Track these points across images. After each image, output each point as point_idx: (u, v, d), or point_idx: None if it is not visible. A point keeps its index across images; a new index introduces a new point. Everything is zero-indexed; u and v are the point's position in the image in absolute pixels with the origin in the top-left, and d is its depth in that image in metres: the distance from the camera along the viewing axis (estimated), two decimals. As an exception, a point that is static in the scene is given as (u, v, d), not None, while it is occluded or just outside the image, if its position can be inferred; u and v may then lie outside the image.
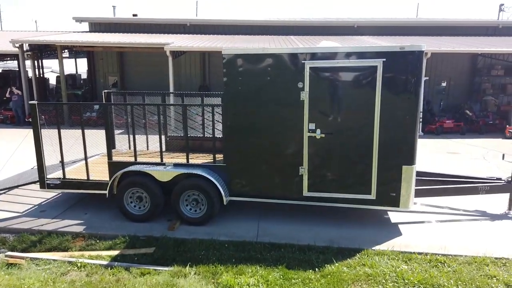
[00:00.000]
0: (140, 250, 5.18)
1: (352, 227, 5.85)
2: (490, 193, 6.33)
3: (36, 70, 18.60)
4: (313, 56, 5.36)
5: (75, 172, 6.70)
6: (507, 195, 6.45)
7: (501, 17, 28.24)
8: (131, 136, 6.66)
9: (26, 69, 17.34)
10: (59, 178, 6.36)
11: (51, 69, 28.34)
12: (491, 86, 19.00)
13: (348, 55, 5.29)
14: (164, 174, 5.88)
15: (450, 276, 4.49)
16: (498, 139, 14.56)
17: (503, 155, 6.92)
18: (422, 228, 5.91)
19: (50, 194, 7.18)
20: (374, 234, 5.63)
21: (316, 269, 4.64)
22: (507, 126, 15.36)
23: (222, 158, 6.00)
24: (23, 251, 5.22)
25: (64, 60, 18.03)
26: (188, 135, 6.35)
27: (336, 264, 4.74)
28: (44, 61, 21.26)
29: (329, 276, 4.48)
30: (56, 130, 6.22)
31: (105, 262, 4.87)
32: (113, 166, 6.10)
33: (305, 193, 5.74)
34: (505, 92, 18.64)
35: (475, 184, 6.36)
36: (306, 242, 5.30)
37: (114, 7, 25.02)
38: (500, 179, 6.54)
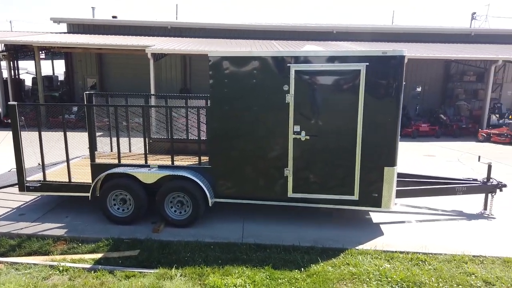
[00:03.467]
0: (124, 253, 5.12)
1: (335, 228, 5.96)
2: (467, 194, 6.57)
3: (12, 71, 18.10)
4: (299, 59, 5.45)
5: (56, 175, 6.56)
6: (483, 195, 6.70)
7: (473, 25, 29.40)
8: (114, 138, 6.59)
9: (1, 70, 16.86)
10: (39, 181, 6.22)
11: (26, 70, 27.61)
12: (464, 92, 19.73)
13: (332, 59, 5.41)
14: (148, 176, 5.84)
15: (431, 274, 4.63)
16: (471, 142, 15.11)
17: (479, 157, 7.18)
18: (403, 228, 6.07)
19: (29, 197, 7.02)
20: (357, 234, 5.74)
21: (302, 269, 4.70)
22: (480, 130, 15.97)
23: (207, 160, 6.01)
24: (1, 255, 5.07)
25: (41, 62, 17.62)
26: (173, 137, 6.32)
27: (321, 264, 4.82)
28: (19, 62, 20.70)
29: (314, 276, 4.54)
30: (33, 132, 6.08)
31: (88, 266, 4.78)
32: (96, 168, 6.01)
33: (290, 194, 5.81)
34: (477, 97, 19.35)
35: (453, 185, 6.58)
36: (291, 243, 5.36)
37: (93, 8, 24.63)
38: (476, 180, 6.80)
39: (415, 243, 5.46)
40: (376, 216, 6.44)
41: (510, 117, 16.08)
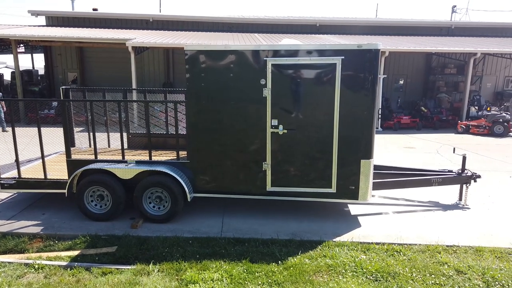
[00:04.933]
0: (102, 249, 5.07)
1: (313, 220, 6.01)
2: (442, 185, 6.68)
3: (-12, 65, 17.64)
4: (275, 53, 5.44)
5: (31, 171, 6.45)
6: (458, 186, 6.85)
7: (453, 18, 29.81)
8: (92, 134, 6.50)
9: (-23, 65, 16.42)
10: (14, 178, 6.11)
11: (5, 64, 26.98)
12: (445, 84, 20.04)
13: (308, 52, 5.42)
14: (126, 172, 5.78)
15: (405, 264, 4.72)
16: (451, 134, 15.39)
17: (454, 149, 7.33)
18: (380, 219, 6.16)
19: (4, 195, 6.89)
20: (335, 226, 5.81)
21: (279, 261, 4.74)
22: (459, 122, 16.26)
23: (185, 155, 5.98)
24: (-25, 254, 4.98)
25: (20, 55, 17.21)
26: (151, 132, 6.27)
27: (298, 256, 4.86)
28: (-4, 56, 20.22)
29: (291, 268, 4.59)
30: (9, 128, 5.97)
31: (64, 263, 4.73)
32: (72, 164, 5.93)
33: (269, 188, 5.84)
34: (457, 90, 19.67)
35: (429, 176, 6.69)
36: (269, 236, 5.40)
37: (72, 0, 24.09)
38: (451, 171, 6.93)
39: (391, 234, 5.55)
40: (354, 208, 6.52)
41: (488, 109, 16.40)
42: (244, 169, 5.82)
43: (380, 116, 15.87)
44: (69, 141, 6.05)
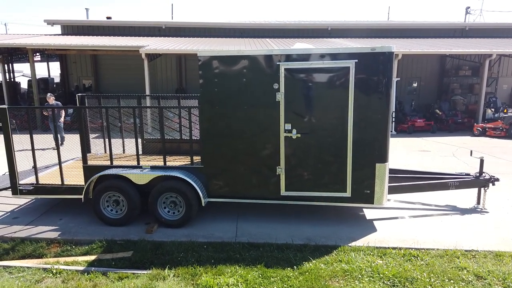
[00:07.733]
0: (118, 254, 5.12)
1: (328, 225, 5.97)
2: (460, 189, 6.58)
3: (6, 74, 18.06)
4: (288, 57, 5.45)
5: (48, 177, 6.56)
6: (476, 190, 6.72)
7: (467, 19, 29.45)
8: (107, 140, 6.59)
9: (-4, 74, 16.84)
10: (32, 184, 6.22)
11: (22, 73, 27.58)
12: (459, 86, 19.74)
13: (321, 56, 5.40)
14: (141, 177, 5.84)
15: (423, 269, 4.64)
16: (467, 136, 15.13)
17: (471, 151, 7.20)
18: (396, 223, 6.08)
19: (23, 201, 7.02)
20: (350, 230, 5.75)
21: (294, 266, 4.71)
22: (475, 124, 15.99)
23: (199, 160, 6.01)
24: (-5, 259, 5.08)
25: (36, 64, 17.59)
26: (165, 138, 6.33)
27: (314, 261, 4.83)
28: (15, 64, 20.68)
29: (307, 273, 4.55)
30: (27, 135, 6.08)
31: (81, 268, 4.79)
32: (89, 170, 6.01)
33: (283, 192, 5.82)
34: (473, 92, 19.36)
35: (445, 180, 6.59)
36: (284, 241, 5.37)
37: (87, 9, 24.57)
38: (468, 174, 6.81)
39: (408, 238, 5.47)
40: (369, 213, 6.45)
41: (504, 111, 16.09)
42: (258, 174, 5.81)
43: (393, 119, 15.71)
44: (85, 147, 6.13)
